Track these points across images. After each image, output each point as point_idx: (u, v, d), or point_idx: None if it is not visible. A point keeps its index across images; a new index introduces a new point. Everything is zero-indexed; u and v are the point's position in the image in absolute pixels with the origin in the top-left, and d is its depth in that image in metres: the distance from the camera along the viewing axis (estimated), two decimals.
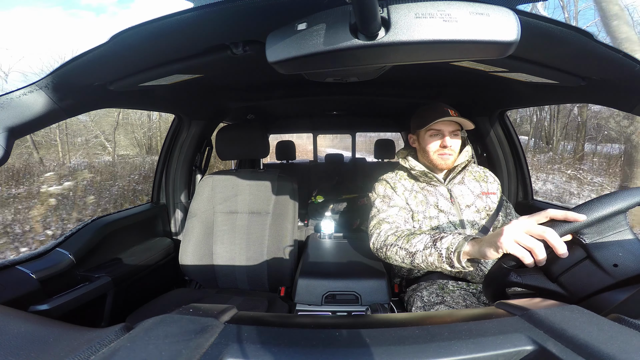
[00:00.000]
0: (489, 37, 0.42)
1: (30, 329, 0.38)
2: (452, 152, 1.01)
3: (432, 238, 0.77)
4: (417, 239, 0.80)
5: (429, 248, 0.75)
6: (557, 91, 0.95)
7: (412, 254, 0.80)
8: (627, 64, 0.60)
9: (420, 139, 1.06)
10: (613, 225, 0.53)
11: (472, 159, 1.08)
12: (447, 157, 1.01)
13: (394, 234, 0.90)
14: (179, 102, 1.35)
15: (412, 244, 0.81)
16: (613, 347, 0.31)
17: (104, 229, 1.17)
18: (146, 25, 0.53)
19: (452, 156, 1.02)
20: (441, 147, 1.01)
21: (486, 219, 1.04)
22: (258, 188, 1.35)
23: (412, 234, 0.84)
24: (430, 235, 0.79)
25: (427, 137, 1.03)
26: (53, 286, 0.92)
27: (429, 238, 0.78)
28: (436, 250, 0.73)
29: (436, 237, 0.76)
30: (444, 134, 1.01)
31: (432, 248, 0.75)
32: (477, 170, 1.13)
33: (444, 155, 1.01)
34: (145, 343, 0.33)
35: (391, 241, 0.87)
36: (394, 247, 0.85)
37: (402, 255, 0.83)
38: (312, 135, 3.36)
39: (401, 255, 0.83)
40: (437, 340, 0.35)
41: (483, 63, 0.76)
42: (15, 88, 0.64)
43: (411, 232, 0.85)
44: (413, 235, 0.83)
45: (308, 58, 0.46)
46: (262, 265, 1.29)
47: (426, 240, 0.78)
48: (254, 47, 0.64)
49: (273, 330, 0.37)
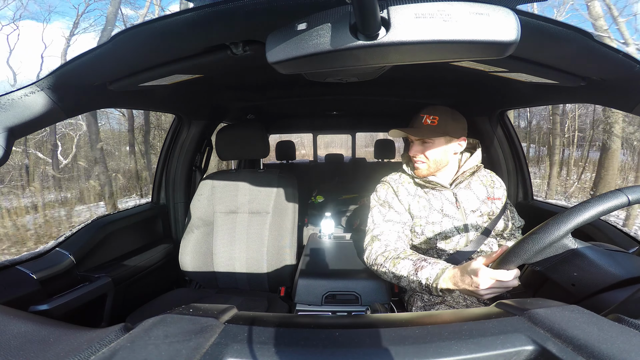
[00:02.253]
0: (489, 37, 0.42)
1: (30, 329, 0.38)
2: (424, 161, 1.00)
3: (414, 266, 0.83)
4: (402, 265, 0.86)
5: (412, 275, 0.82)
6: (557, 91, 0.95)
7: (399, 278, 0.86)
8: (627, 64, 0.60)
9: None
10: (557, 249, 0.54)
11: (481, 165, 1.07)
12: (418, 166, 1.01)
13: (383, 254, 0.93)
14: (179, 102, 1.35)
15: (397, 268, 0.86)
16: (613, 347, 0.31)
17: (104, 229, 1.17)
18: (146, 25, 0.54)
19: (425, 164, 1.00)
20: (411, 156, 1.03)
21: (488, 223, 1.03)
22: (258, 188, 1.35)
23: (398, 257, 0.88)
24: (413, 262, 0.84)
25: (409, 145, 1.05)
26: (53, 286, 0.92)
27: (412, 265, 0.84)
28: (417, 278, 0.81)
29: (417, 265, 0.82)
30: (412, 142, 1.02)
31: (413, 276, 0.82)
32: (485, 174, 1.11)
33: (417, 164, 1.02)
34: (145, 343, 0.33)
35: (380, 262, 0.92)
36: (383, 268, 0.91)
37: (390, 277, 0.89)
38: (312, 135, 3.36)
39: (389, 277, 0.90)
40: (437, 340, 0.35)
41: (483, 63, 0.76)
42: (15, 88, 0.64)
43: (397, 255, 0.89)
44: (398, 260, 0.87)
45: (308, 58, 0.46)
46: (262, 265, 1.29)
47: (409, 267, 0.84)
48: (254, 47, 0.64)
49: (273, 330, 0.37)
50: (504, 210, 1.07)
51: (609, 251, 0.56)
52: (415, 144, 1.01)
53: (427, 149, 0.99)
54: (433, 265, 0.80)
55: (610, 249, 0.57)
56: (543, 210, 1.33)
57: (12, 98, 0.63)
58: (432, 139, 0.98)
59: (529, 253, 0.55)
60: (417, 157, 1.01)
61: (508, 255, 0.60)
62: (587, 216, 0.50)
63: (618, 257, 0.55)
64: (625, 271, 0.52)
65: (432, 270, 0.79)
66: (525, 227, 1.12)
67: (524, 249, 0.55)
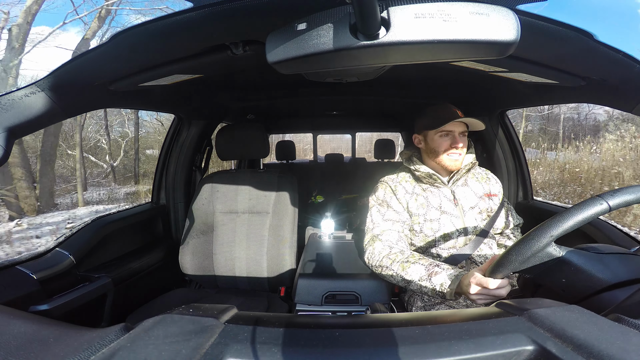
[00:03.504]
0: (489, 37, 0.42)
1: (30, 329, 0.38)
2: (462, 153, 1.01)
3: (427, 271, 0.84)
4: (413, 269, 0.86)
5: (425, 280, 0.84)
6: (557, 91, 0.95)
7: (408, 282, 0.87)
8: (627, 64, 0.60)
9: (428, 140, 1.04)
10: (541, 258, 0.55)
11: (476, 161, 1.08)
12: (457, 158, 1.01)
13: (388, 256, 0.93)
14: (179, 102, 1.35)
15: (407, 272, 0.87)
16: (613, 347, 0.31)
17: (104, 229, 1.17)
18: (146, 25, 0.54)
19: (462, 157, 1.02)
20: (452, 148, 1.00)
21: (487, 220, 1.04)
22: (258, 188, 1.35)
23: (407, 261, 0.89)
24: (425, 267, 0.85)
25: (436, 138, 1.01)
26: (53, 286, 0.92)
27: (424, 270, 0.85)
28: (431, 284, 0.82)
29: (430, 270, 0.84)
30: (455, 134, 1.00)
31: (427, 281, 0.83)
32: (480, 172, 1.12)
33: (454, 156, 1.01)
34: (145, 343, 0.33)
35: (386, 264, 0.92)
36: (389, 271, 0.91)
37: (397, 279, 0.89)
38: (312, 135, 3.36)
39: (396, 279, 0.90)
40: (437, 340, 0.35)
41: (483, 63, 0.76)
42: (15, 88, 0.64)
43: (406, 259, 0.90)
44: (408, 264, 0.88)
45: (308, 58, 0.46)
46: (262, 265, 1.29)
47: (422, 272, 0.85)
48: (254, 47, 0.64)
49: (273, 330, 0.37)
50: (501, 207, 1.07)
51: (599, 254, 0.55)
52: (459, 136, 1.01)
53: (464, 140, 1.02)
54: (447, 271, 0.82)
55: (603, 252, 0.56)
56: (543, 210, 1.33)
57: (12, 98, 0.63)
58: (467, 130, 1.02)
59: (515, 263, 0.55)
60: (462, 149, 1.01)
61: (495, 265, 0.61)
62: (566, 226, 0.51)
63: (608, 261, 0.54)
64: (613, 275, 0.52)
65: (447, 276, 0.81)
66: (525, 227, 1.12)
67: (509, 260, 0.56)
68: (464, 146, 1.01)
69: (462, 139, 1.01)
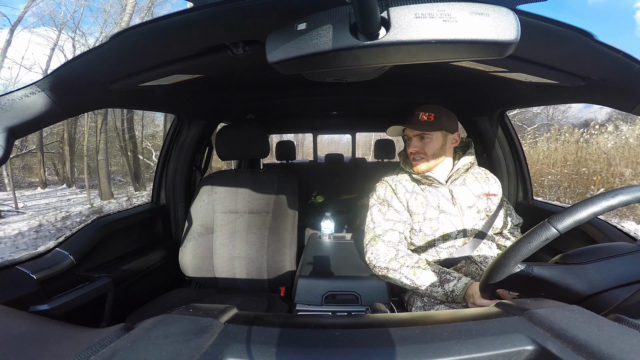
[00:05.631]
0: (489, 37, 0.42)
1: (30, 329, 0.38)
2: (424, 156, 1.03)
3: (440, 279, 0.88)
4: (425, 275, 0.89)
5: (436, 287, 0.88)
6: (557, 91, 0.95)
7: (417, 286, 0.90)
8: (627, 64, 0.60)
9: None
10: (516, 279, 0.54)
11: (475, 161, 1.09)
12: (417, 161, 1.04)
13: (396, 259, 0.94)
14: (179, 102, 1.35)
15: (417, 277, 0.90)
16: (613, 347, 0.31)
17: (104, 229, 1.17)
18: (146, 25, 0.53)
19: (424, 160, 1.03)
20: (410, 153, 1.04)
21: (486, 220, 1.04)
22: (258, 188, 1.35)
23: (418, 266, 0.91)
24: (436, 273, 0.89)
25: (407, 142, 1.06)
26: (53, 286, 0.91)
27: (436, 277, 0.89)
28: (443, 290, 0.87)
29: (442, 277, 0.88)
30: (410, 139, 1.04)
31: (439, 287, 0.88)
32: (479, 171, 1.13)
33: (416, 159, 1.04)
34: (146, 343, 0.33)
35: (394, 267, 0.93)
36: (397, 274, 0.93)
37: (405, 282, 0.91)
38: (312, 135, 3.36)
39: (404, 282, 0.91)
40: (437, 340, 0.35)
41: (483, 63, 0.76)
42: (15, 88, 0.64)
43: (417, 264, 0.91)
44: (419, 269, 0.91)
45: (308, 58, 0.46)
46: (262, 265, 1.29)
47: (433, 279, 0.89)
48: (254, 47, 0.64)
49: (273, 330, 0.37)
50: (500, 206, 1.07)
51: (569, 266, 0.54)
52: (413, 140, 1.03)
53: (425, 144, 1.02)
54: (458, 279, 0.87)
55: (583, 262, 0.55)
56: (543, 210, 1.33)
57: (12, 98, 0.63)
58: (430, 133, 1.01)
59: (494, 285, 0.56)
60: (416, 153, 1.03)
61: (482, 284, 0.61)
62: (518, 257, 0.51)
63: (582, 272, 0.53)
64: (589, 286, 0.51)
65: (458, 283, 0.86)
66: (525, 227, 1.12)
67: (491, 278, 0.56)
68: (420, 149, 1.02)
69: (418, 143, 1.03)
